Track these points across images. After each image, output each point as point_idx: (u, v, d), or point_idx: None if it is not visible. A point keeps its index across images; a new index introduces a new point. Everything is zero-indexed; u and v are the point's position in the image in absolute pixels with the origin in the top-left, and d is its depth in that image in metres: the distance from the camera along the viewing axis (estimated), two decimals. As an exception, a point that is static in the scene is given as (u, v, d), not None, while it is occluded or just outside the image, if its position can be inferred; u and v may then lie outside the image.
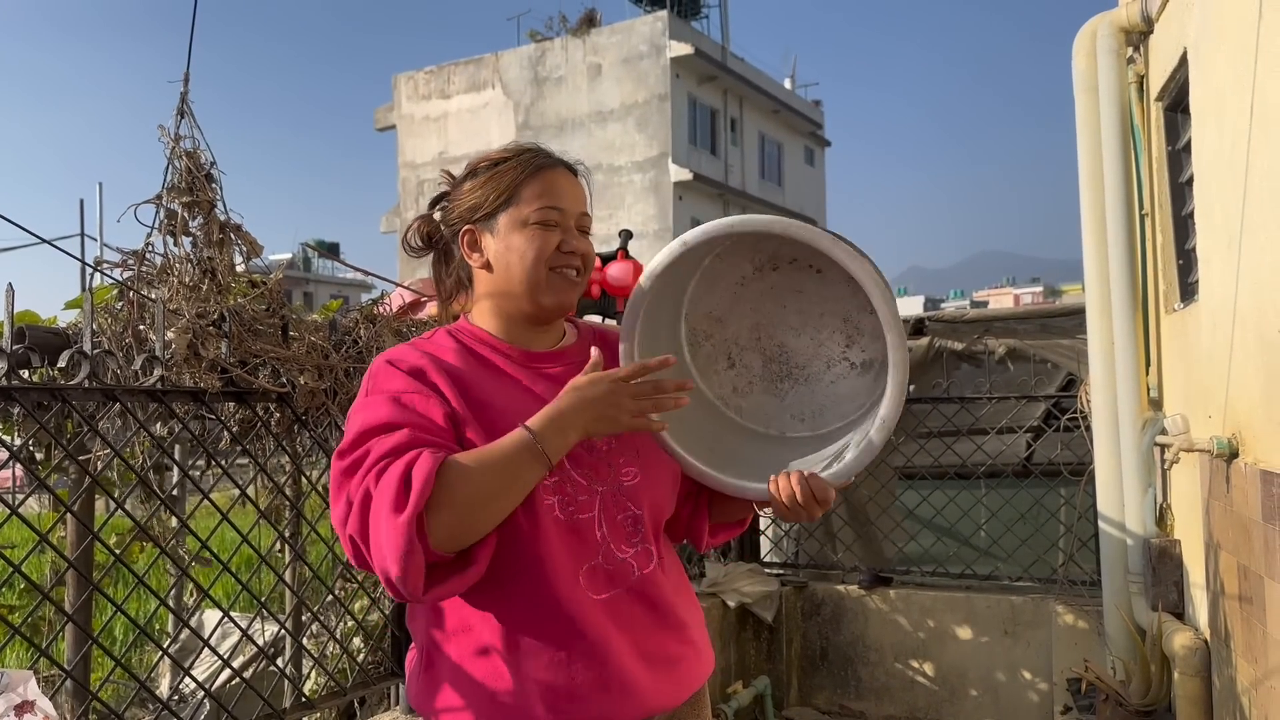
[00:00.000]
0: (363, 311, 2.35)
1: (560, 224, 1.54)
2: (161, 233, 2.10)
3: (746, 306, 1.72)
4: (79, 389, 1.74)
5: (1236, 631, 2.35)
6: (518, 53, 27.16)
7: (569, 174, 1.59)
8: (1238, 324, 2.27)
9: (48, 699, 1.56)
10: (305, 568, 2.47)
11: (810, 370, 1.70)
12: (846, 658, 4.33)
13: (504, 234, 1.54)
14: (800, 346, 1.71)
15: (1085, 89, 3.31)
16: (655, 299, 1.60)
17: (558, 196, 1.54)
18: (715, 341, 1.73)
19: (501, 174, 1.55)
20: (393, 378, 1.46)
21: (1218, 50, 2.41)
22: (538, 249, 1.52)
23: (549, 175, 1.55)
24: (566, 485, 1.48)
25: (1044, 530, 4.21)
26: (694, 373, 1.72)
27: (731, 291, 1.71)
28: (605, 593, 1.49)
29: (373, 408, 1.43)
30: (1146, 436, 3.14)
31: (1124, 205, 3.21)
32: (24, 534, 5.77)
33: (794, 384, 1.71)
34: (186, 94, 2.16)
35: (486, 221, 1.56)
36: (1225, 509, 2.39)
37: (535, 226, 1.52)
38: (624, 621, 1.50)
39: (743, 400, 1.72)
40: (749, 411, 1.72)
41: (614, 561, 1.51)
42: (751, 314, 1.72)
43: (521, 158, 1.57)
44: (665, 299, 1.65)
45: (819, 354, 1.70)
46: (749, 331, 1.72)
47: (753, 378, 1.72)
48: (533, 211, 1.52)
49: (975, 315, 4.63)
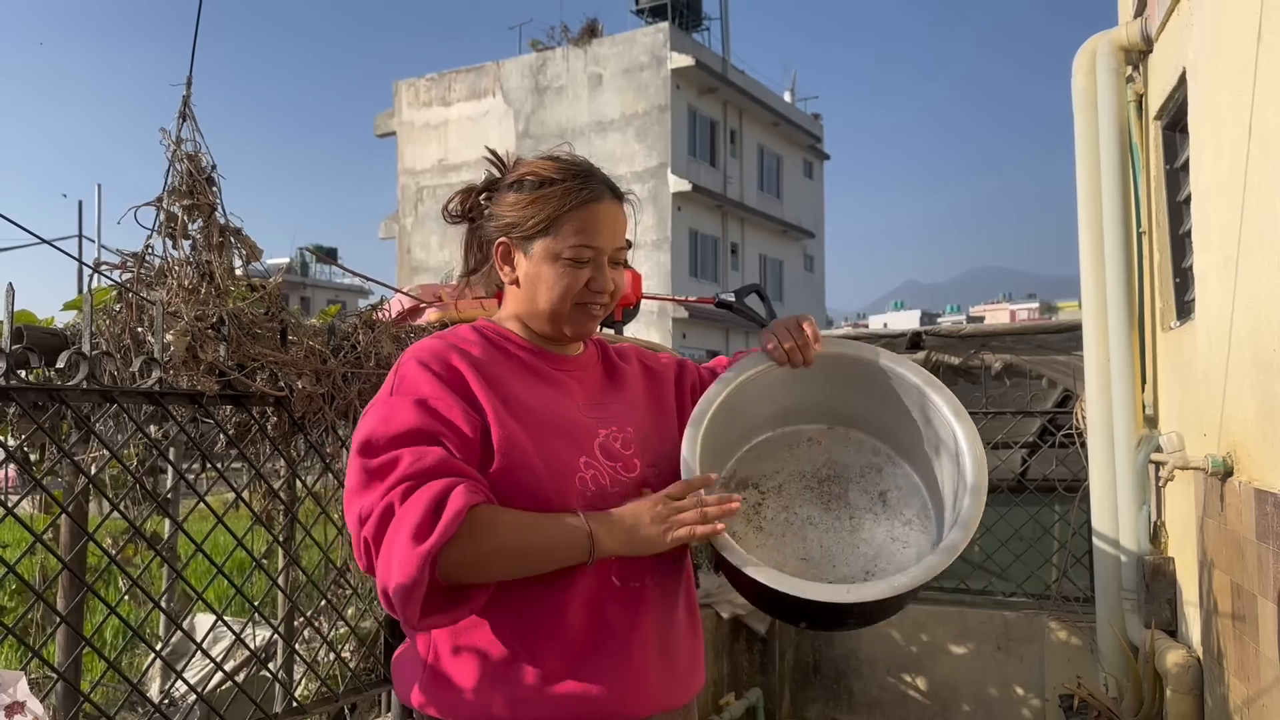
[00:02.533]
0: (361, 317, 2.36)
1: (593, 260, 1.54)
2: (161, 235, 2.10)
3: (771, 538, 1.68)
4: (77, 390, 1.74)
5: (1229, 650, 2.35)
6: (519, 61, 27.22)
7: (614, 203, 1.58)
8: (1234, 343, 2.27)
9: (38, 701, 1.55)
10: (298, 573, 2.47)
11: (867, 569, 1.65)
12: (839, 671, 4.32)
13: (537, 260, 1.54)
14: (846, 554, 1.66)
15: (1084, 107, 3.33)
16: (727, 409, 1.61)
17: (595, 234, 1.53)
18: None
19: (546, 199, 1.53)
20: (421, 380, 1.45)
21: (1217, 70, 2.42)
22: (565, 286, 1.52)
23: (592, 210, 1.54)
24: (602, 476, 1.50)
25: (1038, 546, 4.20)
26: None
27: (749, 523, 1.68)
28: (626, 583, 1.50)
29: (401, 410, 1.41)
30: (1141, 454, 3.14)
31: (1122, 223, 3.22)
32: (15, 535, 5.74)
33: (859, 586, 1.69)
34: (189, 97, 2.17)
35: (524, 242, 1.56)
36: (1219, 527, 2.40)
37: (567, 263, 1.52)
38: (642, 613, 1.51)
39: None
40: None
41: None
42: (780, 545, 1.67)
43: (569, 185, 1.54)
44: (735, 417, 1.66)
45: (866, 552, 1.66)
46: (785, 564, 1.65)
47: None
48: (568, 248, 1.52)
49: (972, 330, 4.63)
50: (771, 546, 1.65)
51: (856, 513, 1.67)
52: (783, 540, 1.66)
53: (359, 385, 2.22)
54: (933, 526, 1.67)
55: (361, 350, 2.27)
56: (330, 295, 40.22)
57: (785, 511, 1.68)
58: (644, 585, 1.52)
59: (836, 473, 1.70)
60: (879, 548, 1.65)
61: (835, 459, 1.71)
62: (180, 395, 1.94)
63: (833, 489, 1.69)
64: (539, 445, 1.45)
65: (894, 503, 1.68)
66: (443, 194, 26.74)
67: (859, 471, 1.70)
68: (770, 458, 1.72)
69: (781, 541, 1.66)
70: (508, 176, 1.60)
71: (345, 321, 2.34)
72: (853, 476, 1.70)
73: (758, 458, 1.72)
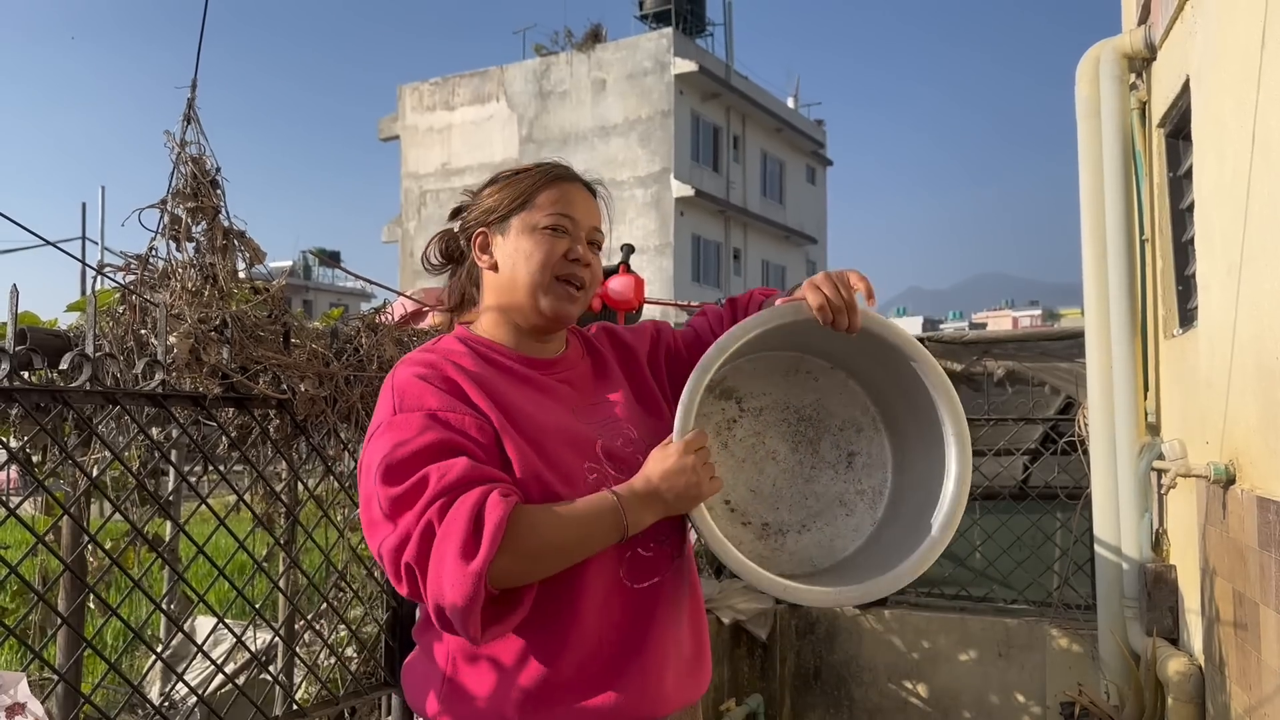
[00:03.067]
0: (364, 320, 2.36)
1: (571, 233, 1.55)
2: (165, 238, 2.11)
3: (734, 458, 1.69)
4: (80, 391, 1.75)
5: (1231, 658, 2.34)
6: (523, 66, 27.26)
7: (586, 190, 1.61)
8: (1236, 350, 2.27)
9: (39, 702, 1.55)
10: (298, 576, 2.47)
11: (804, 522, 1.68)
12: (840, 677, 4.32)
13: (514, 236, 1.56)
14: (792, 499, 1.68)
15: (1088, 114, 3.33)
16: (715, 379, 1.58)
17: (571, 206, 1.56)
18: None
19: (520, 180, 1.58)
20: (425, 393, 1.43)
21: (1220, 78, 2.42)
22: (545, 253, 1.53)
23: (566, 186, 1.58)
24: (604, 476, 1.49)
25: (1039, 553, 4.20)
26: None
27: (718, 435, 1.68)
28: (645, 581, 1.51)
29: (414, 427, 1.38)
30: (1143, 461, 3.14)
31: (1124, 230, 3.22)
32: (15, 536, 5.74)
33: (787, 536, 1.68)
34: (193, 100, 2.17)
35: (500, 224, 1.58)
36: (1221, 535, 2.39)
37: (545, 232, 1.54)
38: (651, 613, 1.51)
39: (739, 542, 1.67)
40: (746, 551, 1.64)
41: (646, 553, 1.52)
42: (738, 469, 1.69)
43: (542, 167, 1.60)
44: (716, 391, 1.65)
45: (810, 505, 1.68)
46: (734, 488, 1.68)
47: (744, 534, 1.68)
48: (544, 216, 1.54)
49: (975, 337, 4.63)
50: (729, 467, 1.67)
51: (820, 464, 1.68)
52: (741, 465, 1.68)
53: (361, 388, 2.22)
54: (880, 509, 1.67)
55: (364, 354, 2.27)
56: (332, 298, 40.26)
57: (755, 438, 1.68)
58: (655, 586, 1.52)
59: (819, 417, 1.68)
60: (824, 505, 1.66)
61: (824, 403, 1.69)
62: (183, 397, 1.94)
63: (808, 432, 1.68)
64: (545, 455, 1.44)
65: (858, 467, 1.67)
66: (446, 198, 26.77)
67: (840, 424, 1.68)
68: (764, 377, 1.69)
69: (740, 465, 1.68)
70: (480, 188, 1.64)
71: (348, 325, 2.35)
72: (832, 427, 1.68)
73: (752, 373, 1.68)
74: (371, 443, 1.41)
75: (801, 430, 1.68)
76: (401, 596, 2.43)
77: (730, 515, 1.67)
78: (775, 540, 1.67)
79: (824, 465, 1.68)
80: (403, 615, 2.43)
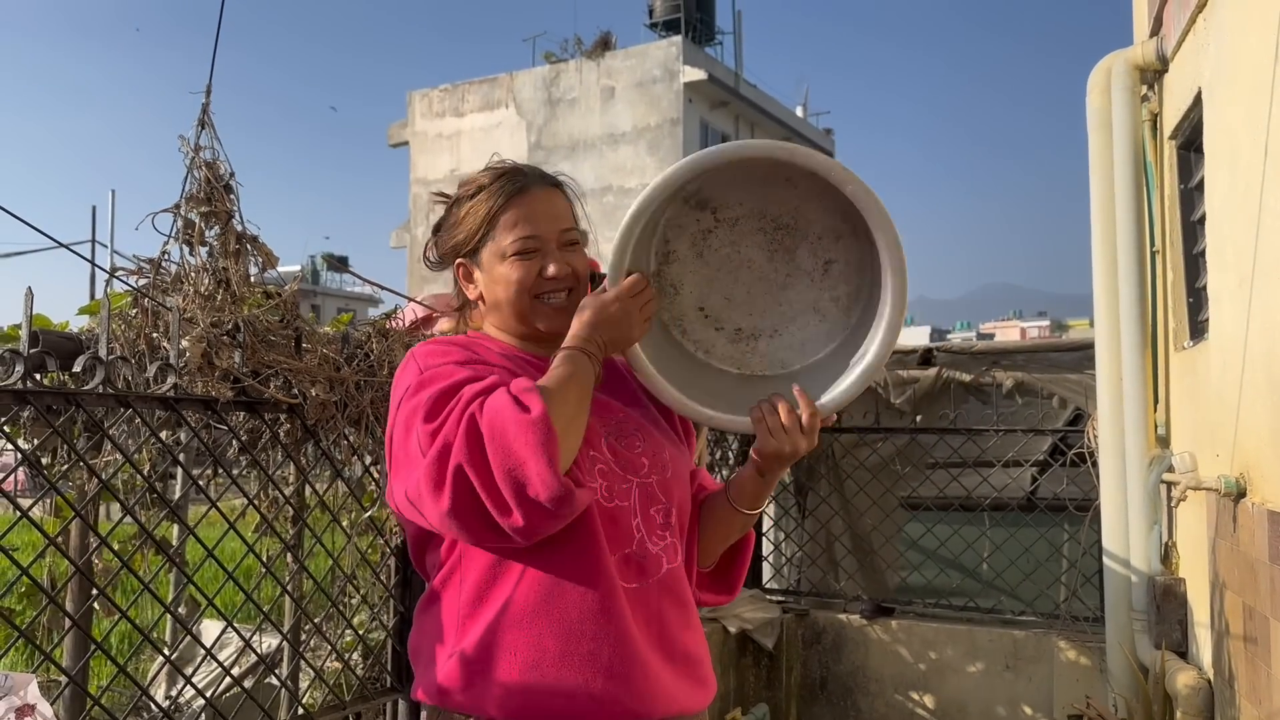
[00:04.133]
0: (375, 325, 2.36)
1: (540, 249, 1.54)
2: (178, 242, 2.11)
3: (708, 267, 1.70)
4: (93, 394, 1.75)
5: (1241, 672, 2.33)
6: (532, 73, 27.32)
7: (547, 190, 1.59)
8: (1248, 363, 2.26)
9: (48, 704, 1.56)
10: (305, 581, 2.47)
11: (776, 327, 1.70)
12: (846, 688, 4.30)
13: (488, 267, 1.57)
14: (765, 305, 1.69)
15: (1099, 126, 3.33)
16: (645, 229, 1.59)
17: (533, 223, 1.54)
18: (682, 295, 1.71)
19: (476, 208, 1.57)
20: (449, 353, 1.48)
21: (1232, 90, 2.42)
22: (519, 280, 1.54)
23: (523, 201, 1.55)
24: (610, 472, 1.50)
25: (1048, 565, 4.19)
26: (664, 316, 1.72)
27: (693, 245, 1.69)
28: (634, 582, 1.50)
29: (443, 375, 1.41)
30: (1153, 474, 3.13)
31: (1135, 242, 3.22)
32: (23, 539, 5.75)
33: (759, 340, 1.70)
34: (208, 105, 2.18)
35: (472, 256, 1.58)
36: (1231, 548, 2.38)
37: (514, 258, 1.54)
38: (650, 613, 1.51)
39: (710, 347, 1.72)
40: (718, 355, 1.72)
41: (647, 553, 1.52)
42: (713, 277, 1.70)
43: (493, 186, 1.57)
44: (647, 233, 1.64)
45: (784, 311, 1.69)
46: (708, 296, 1.70)
47: (716, 339, 1.71)
48: (509, 244, 1.54)
49: (984, 348, 4.63)
50: (703, 275, 1.68)
51: (795, 272, 1.67)
52: (716, 274, 1.69)
53: (372, 394, 2.22)
54: (855, 314, 1.66)
55: (375, 359, 2.28)
56: (341, 303, 40.34)
57: (730, 247, 1.68)
58: (650, 586, 1.52)
59: (796, 224, 1.66)
60: (798, 312, 1.67)
61: (802, 211, 1.65)
62: (195, 401, 1.95)
63: (784, 240, 1.67)
64: None
65: (834, 275, 1.66)
66: (454, 204, 26.80)
67: (818, 233, 1.66)
68: (741, 186, 1.65)
69: (715, 274, 1.69)
70: (448, 204, 1.64)
71: (359, 330, 2.35)
72: (810, 235, 1.66)
73: (730, 181, 1.64)
74: (403, 406, 1.43)
75: (779, 239, 1.67)
76: (409, 601, 2.44)
77: (704, 321, 1.70)
78: (747, 344, 1.69)
79: (800, 273, 1.67)
80: (410, 620, 2.43)
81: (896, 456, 4.53)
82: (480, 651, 1.45)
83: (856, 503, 4.55)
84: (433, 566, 1.57)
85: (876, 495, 4.46)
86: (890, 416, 4.51)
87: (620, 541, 1.49)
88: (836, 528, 4.58)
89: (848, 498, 4.57)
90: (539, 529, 1.33)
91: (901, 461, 4.52)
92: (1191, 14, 2.77)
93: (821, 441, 4.50)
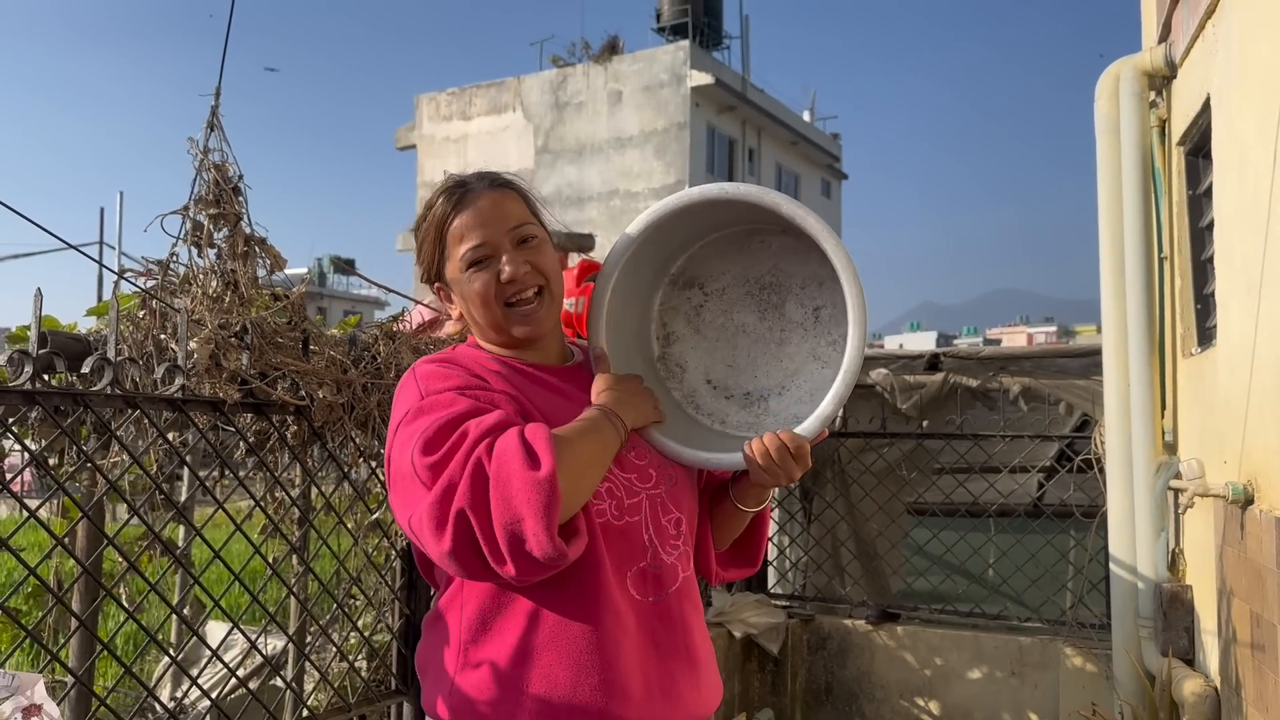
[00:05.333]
0: (382, 328, 2.37)
1: (493, 254, 1.52)
2: (187, 243, 2.12)
3: (707, 340, 1.75)
4: (101, 395, 1.76)
5: (1248, 680, 2.33)
6: (539, 77, 27.36)
7: (489, 192, 1.56)
8: (1256, 370, 2.26)
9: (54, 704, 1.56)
10: (310, 583, 2.47)
11: (782, 383, 1.72)
12: (851, 693, 4.29)
13: (454, 286, 1.57)
14: (767, 365, 1.72)
15: (1107, 131, 3.33)
16: (624, 301, 1.65)
17: (475, 230, 1.52)
18: (689, 372, 1.76)
19: (427, 232, 1.57)
20: (449, 376, 1.46)
21: (1241, 97, 2.42)
22: (481, 292, 1.52)
23: (465, 210, 1.53)
24: (617, 489, 1.50)
25: (1054, 571, 4.18)
26: (661, 376, 1.76)
27: (689, 323, 1.75)
28: (653, 595, 1.51)
29: (443, 404, 1.40)
30: (1160, 480, 3.12)
31: (1143, 248, 3.21)
32: (30, 539, 5.76)
33: (769, 400, 1.73)
34: (217, 108, 2.19)
35: (441, 279, 1.59)
36: (1239, 555, 2.38)
37: (471, 270, 1.53)
38: (674, 623, 1.52)
39: (724, 417, 1.74)
40: (733, 424, 1.73)
41: (662, 564, 1.52)
42: (713, 349, 1.75)
43: (436, 207, 1.56)
44: (632, 299, 1.70)
45: (786, 366, 1.71)
46: (713, 367, 1.75)
47: (728, 408, 1.74)
48: (460, 258, 1.53)
49: (991, 353, 4.62)
50: (705, 349, 1.74)
51: (788, 326, 1.71)
52: (715, 344, 1.74)
53: (379, 396, 2.23)
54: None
55: (382, 361, 2.28)
56: (347, 306, 40.40)
57: (723, 316, 1.74)
58: (663, 600, 1.52)
59: (779, 280, 1.71)
60: (800, 364, 1.70)
61: (781, 266, 1.71)
62: (202, 402, 1.95)
63: (771, 298, 1.72)
64: None
65: (825, 320, 1.68)
66: (461, 207, 26.84)
67: (801, 283, 1.70)
68: (720, 256, 1.73)
69: (715, 345, 1.74)
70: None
71: (366, 332, 2.36)
72: (793, 287, 1.70)
73: (708, 256, 1.74)
74: (401, 430, 1.42)
75: (765, 298, 1.72)
76: (414, 604, 2.44)
77: (714, 392, 1.74)
78: (759, 406, 1.71)
79: (793, 326, 1.71)
80: (415, 622, 2.43)
81: (902, 461, 4.52)
82: (486, 684, 1.44)
83: (862, 508, 4.54)
84: (440, 577, 1.58)
85: (882, 500, 4.45)
86: (896, 421, 4.50)
87: (632, 557, 1.49)
88: (842, 533, 4.58)
89: (853, 503, 4.56)
90: (533, 578, 1.34)
91: (907, 466, 4.52)
92: (1200, 20, 2.76)
93: (827, 446, 4.50)
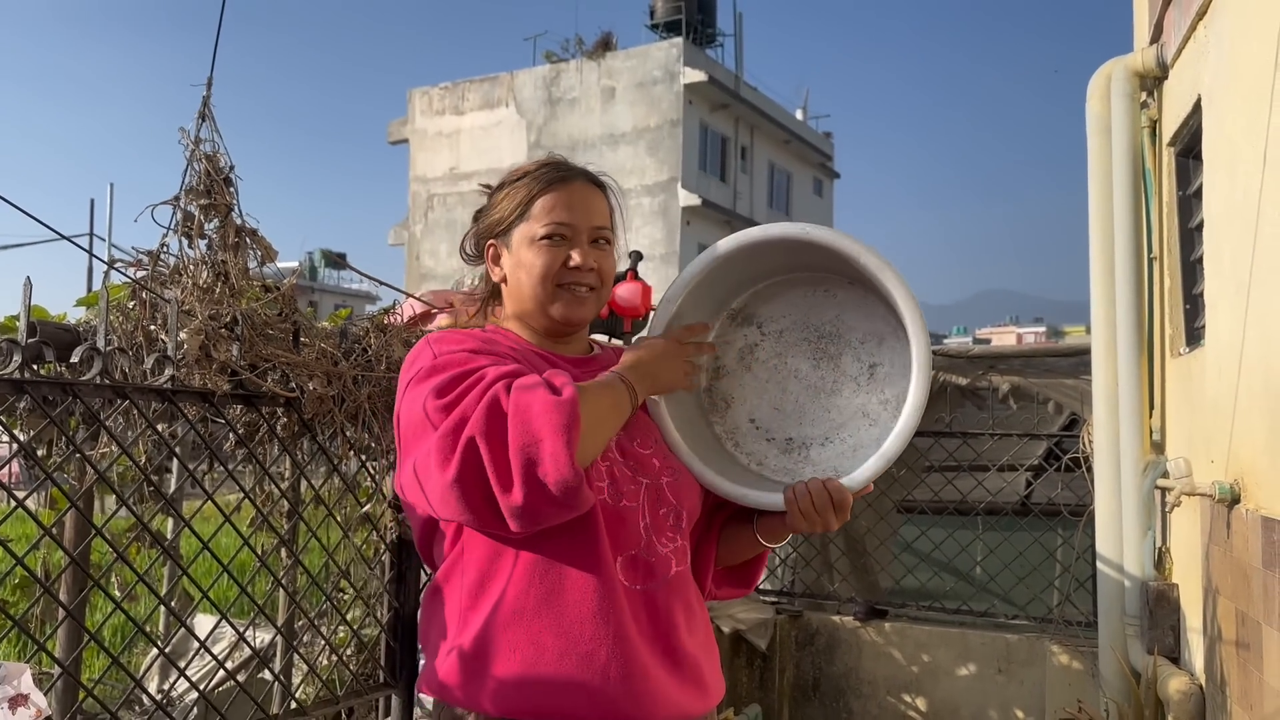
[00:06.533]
0: (373, 321, 2.36)
1: (570, 239, 1.55)
2: (177, 234, 2.11)
3: (757, 379, 1.73)
4: (90, 385, 1.75)
5: (1233, 678, 2.34)
6: (533, 73, 27.31)
7: (589, 186, 1.60)
8: (1244, 370, 2.27)
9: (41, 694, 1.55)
10: (299, 575, 2.47)
11: (827, 435, 1.70)
12: (839, 689, 4.31)
13: (517, 248, 1.57)
14: (814, 414, 1.70)
15: (1098, 132, 3.34)
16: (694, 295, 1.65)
17: (568, 211, 1.55)
18: (734, 409, 1.74)
19: (518, 189, 1.58)
20: (463, 342, 1.47)
21: (1232, 98, 2.43)
22: (545, 265, 1.54)
23: (563, 189, 1.56)
24: (616, 471, 1.50)
25: (1041, 569, 4.19)
26: (705, 408, 1.74)
27: (741, 359, 1.74)
28: (641, 584, 1.50)
29: (457, 363, 1.41)
30: (1148, 479, 3.13)
31: (1133, 248, 3.22)
32: (18, 530, 5.73)
33: (810, 449, 1.71)
34: (209, 98, 2.18)
35: (504, 236, 1.59)
36: (1225, 554, 2.39)
37: (543, 243, 1.54)
38: (658, 615, 1.51)
39: (762, 459, 1.72)
40: (770, 468, 1.72)
41: (655, 554, 1.52)
42: (761, 389, 1.73)
43: (539, 172, 1.59)
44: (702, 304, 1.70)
45: (834, 418, 1.70)
46: (758, 407, 1.73)
47: (768, 451, 1.73)
48: (541, 227, 1.54)
49: (980, 352, 4.63)
50: (753, 389, 1.72)
51: (842, 378, 1.69)
52: (765, 385, 1.72)
53: (369, 388, 2.22)
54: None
55: (373, 354, 2.27)
56: (337, 300, 40.32)
57: (777, 359, 1.72)
58: (654, 589, 1.52)
59: (840, 332, 1.70)
60: (847, 418, 1.68)
61: (844, 318, 1.70)
62: (192, 393, 1.94)
63: (829, 348, 1.70)
64: None
65: (880, 378, 1.67)
66: (453, 202, 26.80)
67: (861, 337, 1.69)
68: (782, 299, 1.72)
69: (764, 386, 1.72)
70: (493, 190, 1.65)
71: (357, 325, 2.35)
72: (853, 341, 1.69)
73: (771, 296, 1.73)
74: (412, 387, 1.43)
75: (823, 347, 1.70)
76: (403, 597, 2.44)
77: (755, 433, 1.72)
78: (799, 454, 1.69)
79: (846, 379, 1.69)
80: (404, 616, 2.43)
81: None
82: (479, 647, 1.45)
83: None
84: (440, 558, 1.57)
85: (871, 498, 4.46)
86: (886, 419, 4.51)
87: (627, 542, 1.49)
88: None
89: (843, 500, 4.56)
90: (537, 513, 1.32)
91: (897, 464, 4.52)
92: (1192, 21, 2.77)
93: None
